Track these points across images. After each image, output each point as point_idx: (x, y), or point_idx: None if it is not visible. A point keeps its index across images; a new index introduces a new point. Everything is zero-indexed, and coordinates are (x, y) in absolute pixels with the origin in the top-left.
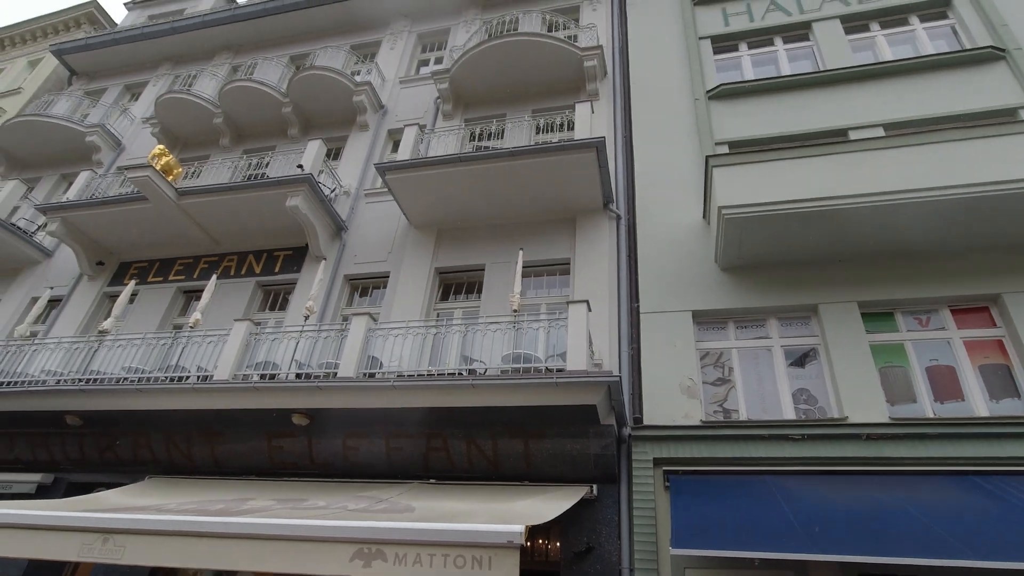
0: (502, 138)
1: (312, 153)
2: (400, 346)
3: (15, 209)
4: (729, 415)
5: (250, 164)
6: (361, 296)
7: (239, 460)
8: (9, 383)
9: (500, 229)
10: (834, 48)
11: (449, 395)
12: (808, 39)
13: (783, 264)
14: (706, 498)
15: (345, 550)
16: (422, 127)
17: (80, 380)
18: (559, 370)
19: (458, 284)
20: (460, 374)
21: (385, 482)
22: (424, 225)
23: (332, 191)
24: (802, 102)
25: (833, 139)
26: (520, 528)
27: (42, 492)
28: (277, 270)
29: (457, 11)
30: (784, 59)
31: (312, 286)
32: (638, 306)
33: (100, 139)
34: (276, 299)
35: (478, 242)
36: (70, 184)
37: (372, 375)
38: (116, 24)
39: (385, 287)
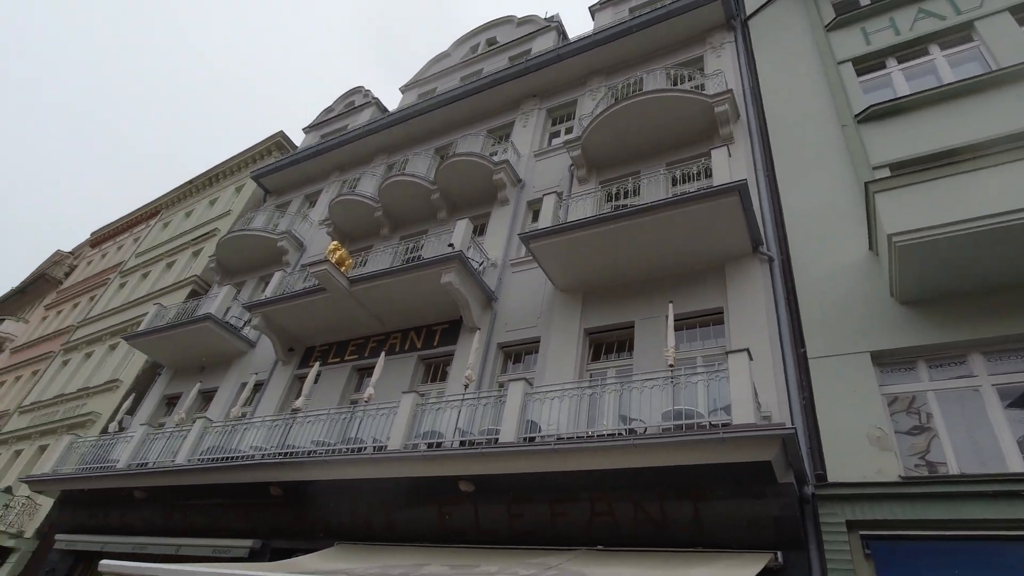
0: (638, 195)
1: (460, 232)
2: (557, 409)
3: (227, 310)
4: (935, 469)
5: (407, 248)
6: (514, 363)
7: (413, 527)
8: (225, 458)
9: (646, 284)
10: (1007, 43)
11: (610, 456)
12: (972, 39)
13: (980, 290)
14: (919, 569)
15: None
16: (559, 195)
17: (279, 454)
18: (724, 425)
19: (608, 343)
20: (620, 434)
21: (552, 549)
22: (569, 288)
23: (480, 264)
24: (974, 108)
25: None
26: None
27: (253, 556)
28: (436, 344)
29: (582, 82)
30: (945, 66)
31: (469, 356)
32: (805, 351)
33: (288, 243)
34: (436, 371)
35: (625, 300)
36: (267, 284)
37: (532, 439)
38: (297, 147)
39: (536, 352)
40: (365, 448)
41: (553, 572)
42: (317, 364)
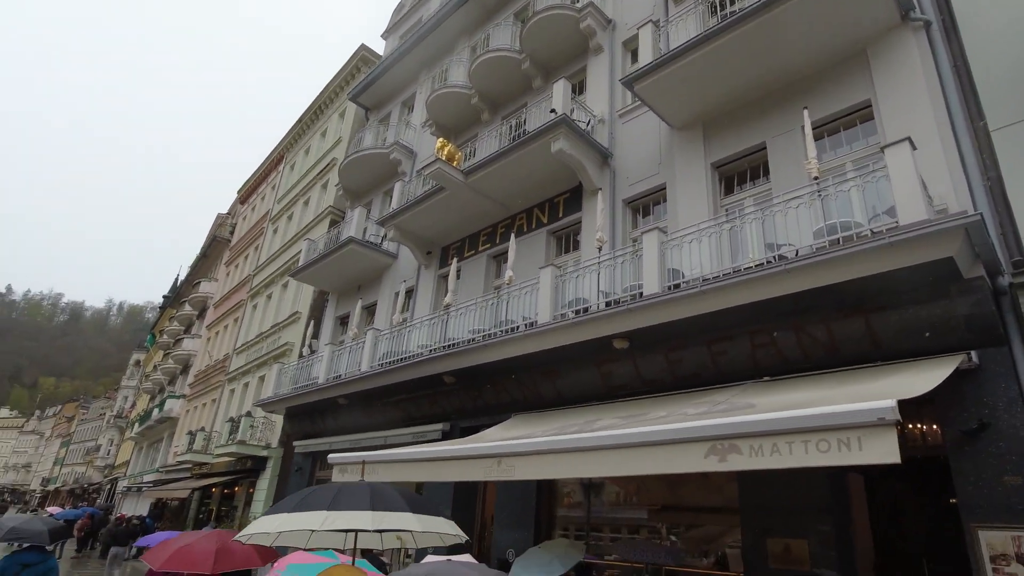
0: None
1: (559, 94)
2: (697, 252)
3: (365, 230)
4: None
5: (511, 127)
6: (643, 216)
7: (578, 389)
8: (402, 359)
9: (773, 98)
10: None
11: (763, 287)
12: None
13: None
14: None
15: (698, 448)
16: (655, 23)
17: (443, 347)
18: (890, 229)
19: (739, 173)
20: (768, 263)
21: (717, 388)
22: (687, 124)
23: (587, 124)
24: None
25: None
26: (892, 403)
27: (445, 436)
28: (561, 215)
29: None
30: None
31: (596, 218)
32: (985, 124)
33: (398, 153)
34: (567, 241)
35: (751, 121)
36: (390, 198)
37: (676, 287)
38: (381, 56)
39: (664, 200)
40: (517, 327)
41: (723, 406)
42: (455, 261)
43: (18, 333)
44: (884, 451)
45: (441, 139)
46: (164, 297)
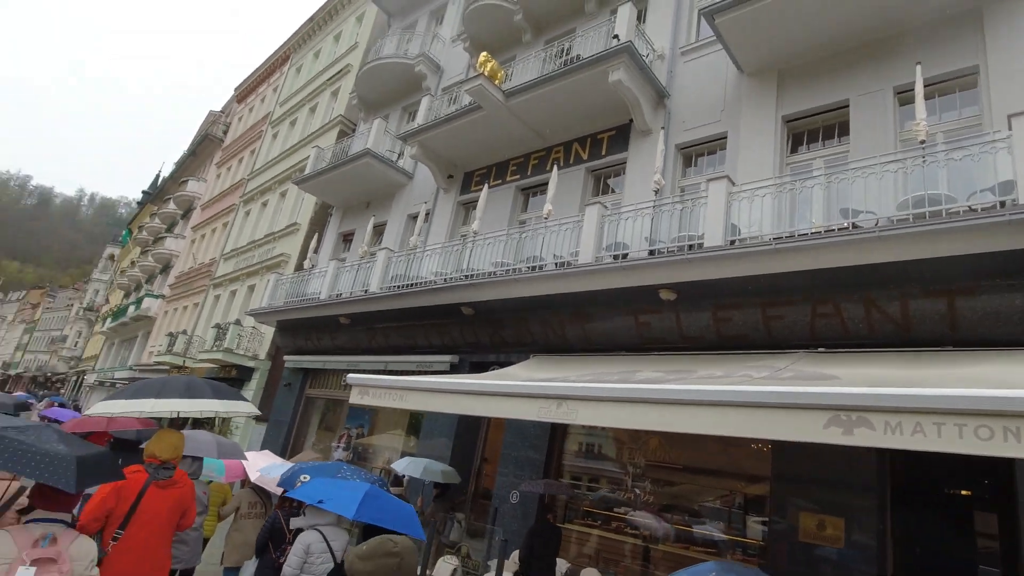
0: None
1: (624, 19)
2: (759, 208)
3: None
4: None
5: (557, 53)
6: (690, 166)
7: (608, 337)
8: (412, 284)
9: (864, 51)
10: None
11: (839, 252)
12: None
13: None
14: None
15: (817, 417)
16: None
17: (464, 276)
18: (1001, 203)
19: (811, 131)
20: (846, 228)
21: (764, 353)
22: (760, 70)
23: (647, 57)
24: None
25: None
26: None
27: (453, 369)
28: (604, 153)
29: None
30: None
31: (644, 161)
32: None
33: (424, 67)
34: (603, 183)
35: (836, 74)
36: (410, 114)
37: (734, 242)
38: None
39: (717, 152)
40: (544, 265)
41: (788, 373)
42: (486, 186)
43: None
44: None
45: (485, 53)
46: (144, 193)
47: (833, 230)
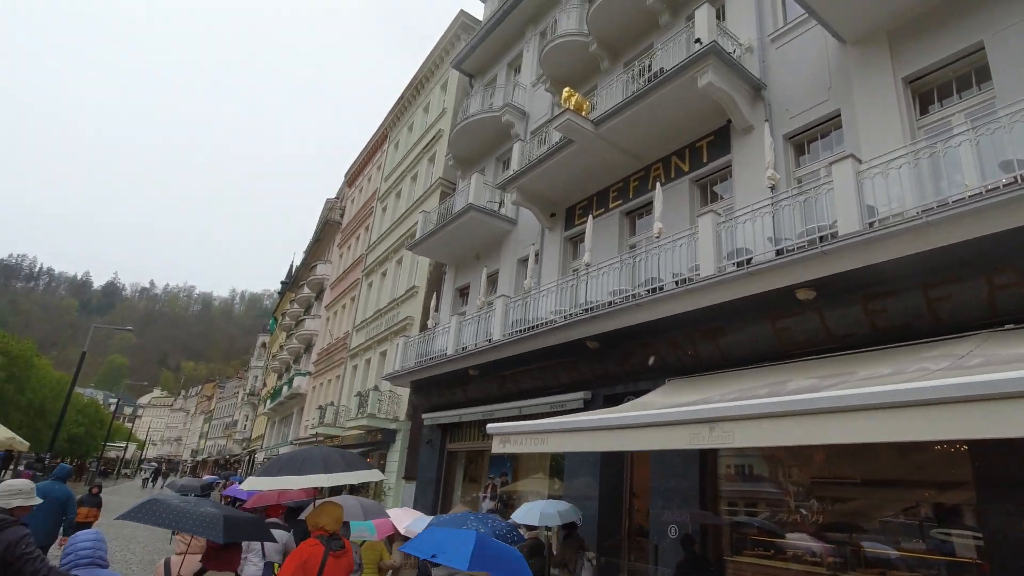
0: None
1: (703, 20)
2: (896, 181)
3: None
4: None
5: (639, 72)
6: (803, 154)
7: (746, 350)
8: (533, 326)
9: None
10: None
11: (1010, 212)
12: None
13: None
14: None
15: None
16: None
17: (582, 311)
18: None
19: (941, 86)
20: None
21: (938, 340)
22: (866, 36)
23: (733, 54)
24: None
25: None
26: None
27: (587, 405)
28: (705, 160)
29: None
30: None
31: (751, 160)
32: None
33: (510, 115)
34: (709, 192)
35: (958, 17)
36: (504, 163)
37: (873, 224)
38: (479, 20)
39: (833, 132)
40: (662, 286)
41: (978, 360)
42: (590, 218)
43: (162, 322)
44: None
45: (568, 88)
46: (282, 283)
47: (995, 188)
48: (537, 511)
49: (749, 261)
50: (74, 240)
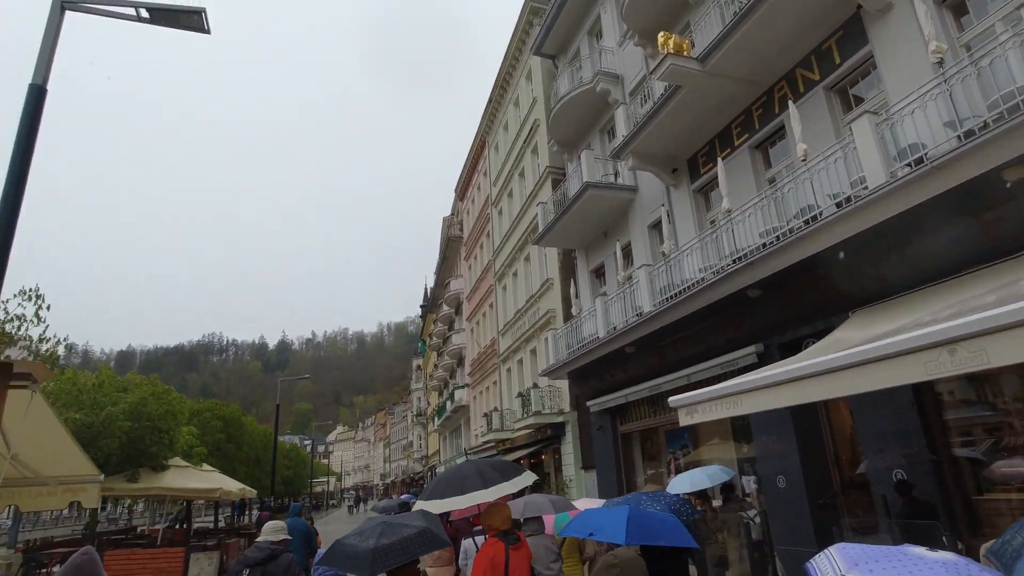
0: None
1: None
2: None
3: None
4: None
5: None
6: (963, 15)
7: (939, 259)
8: (684, 290)
9: None
10: None
11: None
12: None
13: None
14: None
15: None
16: None
17: (734, 261)
18: None
19: None
20: None
21: None
22: None
23: None
24: None
25: None
26: None
27: (760, 359)
28: (839, 62)
29: None
30: None
31: (921, 23)
32: None
33: (605, 82)
34: (849, 97)
35: None
36: (610, 132)
37: None
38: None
39: None
40: (822, 212)
41: None
42: (719, 162)
43: (329, 367)
44: None
45: (663, 32)
46: (421, 307)
47: None
48: (687, 480)
49: (926, 157)
50: (244, 309)
